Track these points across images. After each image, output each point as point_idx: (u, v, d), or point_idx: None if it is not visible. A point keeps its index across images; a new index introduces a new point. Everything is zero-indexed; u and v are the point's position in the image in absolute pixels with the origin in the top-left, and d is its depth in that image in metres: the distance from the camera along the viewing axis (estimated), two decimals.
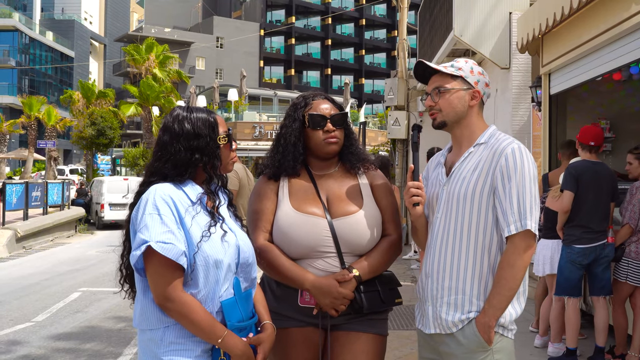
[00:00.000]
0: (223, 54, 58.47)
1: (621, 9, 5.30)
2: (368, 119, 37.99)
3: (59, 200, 19.79)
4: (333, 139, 2.59)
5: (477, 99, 2.42)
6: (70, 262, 12.80)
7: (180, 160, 2.16)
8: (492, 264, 2.32)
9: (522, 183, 2.26)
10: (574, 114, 7.91)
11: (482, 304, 2.31)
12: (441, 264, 2.36)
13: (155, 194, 2.11)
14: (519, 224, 2.24)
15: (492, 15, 8.68)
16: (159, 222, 2.06)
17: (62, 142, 54.25)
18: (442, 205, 2.40)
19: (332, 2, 63.07)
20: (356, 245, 2.52)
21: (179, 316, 2.07)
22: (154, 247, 2.02)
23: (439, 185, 2.45)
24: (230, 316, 2.14)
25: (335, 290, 2.44)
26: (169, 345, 2.11)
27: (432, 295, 2.39)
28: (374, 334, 2.57)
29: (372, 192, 2.64)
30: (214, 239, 2.13)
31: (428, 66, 2.44)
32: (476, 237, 2.32)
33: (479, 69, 2.45)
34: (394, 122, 15.02)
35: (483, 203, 2.31)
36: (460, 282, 2.33)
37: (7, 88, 57.85)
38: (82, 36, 72.87)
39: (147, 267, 2.09)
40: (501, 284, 2.26)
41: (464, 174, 2.36)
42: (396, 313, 7.06)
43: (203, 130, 2.19)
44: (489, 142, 2.37)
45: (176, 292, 2.06)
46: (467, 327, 2.32)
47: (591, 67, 6.22)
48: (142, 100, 36.43)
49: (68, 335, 6.84)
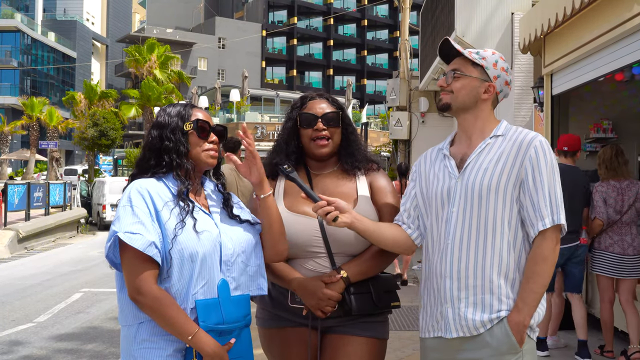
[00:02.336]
0: (225, 55, 58.49)
1: (623, 10, 5.29)
2: (370, 120, 38.02)
3: (61, 200, 19.81)
4: (322, 138, 2.55)
5: (491, 93, 2.32)
6: (72, 262, 12.80)
7: (153, 147, 2.20)
8: (517, 259, 2.21)
9: (553, 176, 2.21)
10: (576, 115, 7.89)
11: (511, 302, 2.19)
12: (463, 261, 2.22)
13: (132, 187, 2.12)
14: (554, 217, 2.17)
15: (494, 16, 8.67)
16: (130, 213, 2.05)
17: (64, 143, 54.34)
18: (458, 199, 2.26)
19: (334, 3, 63.07)
20: (347, 246, 2.48)
21: (150, 310, 2.04)
22: (121, 237, 2.00)
23: (450, 179, 2.31)
24: (206, 317, 2.09)
25: (320, 291, 2.40)
26: (142, 343, 2.10)
27: (453, 296, 2.23)
28: (369, 337, 2.51)
29: (371, 192, 2.59)
30: (189, 230, 2.10)
31: (453, 47, 2.34)
32: (502, 232, 2.20)
33: (504, 64, 2.34)
34: (395, 122, 15.02)
35: (508, 195, 2.20)
36: (487, 281, 2.19)
37: (9, 89, 57.93)
38: (84, 37, 72.94)
39: (121, 260, 2.08)
40: (534, 280, 2.16)
41: (484, 165, 2.24)
42: (397, 314, 7.05)
43: (173, 119, 2.22)
44: (508, 135, 2.28)
45: (147, 285, 2.03)
46: (496, 327, 2.18)
47: (593, 68, 6.20)
48: (144, 101, 36.46)
49: (70, 335, 6.84)
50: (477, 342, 2.21)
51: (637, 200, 5.38)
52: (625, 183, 5.44)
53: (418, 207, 2.44)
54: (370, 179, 2.62)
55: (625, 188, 5.42)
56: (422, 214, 2.43)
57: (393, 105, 15.43)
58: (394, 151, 16.38)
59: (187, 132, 2.21)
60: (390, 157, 18.94)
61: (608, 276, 5.42)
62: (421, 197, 2.43)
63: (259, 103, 38.66)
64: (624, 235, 5.36)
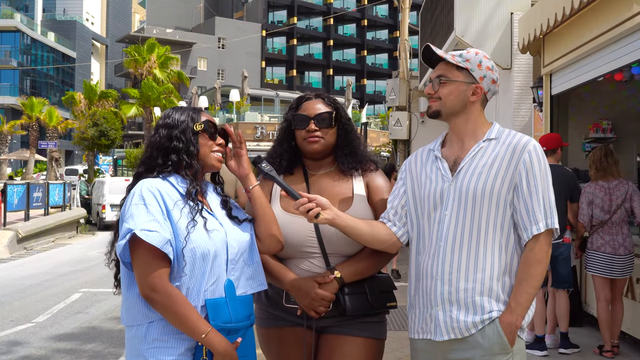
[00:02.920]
0: (225, 55, 58.49)
1: (622, 9, 5.29)
2: (370, 120, 38.00)
3: (60, 201, 19.81)
4: (313, 139, 2.54)
5: (479, 95, 2.31)
6: (71, 262, 12.80)
7: (161, 146, 2.22)
8: (509, 262, 2.23)
9: (546, 180, 2.22)
10: (576, 115, 7.91)
11: (502, 304, 2.21)
12: (455, 264, 2.23)
13: (142, 186, 2.14)
14: (548, 221, 2.19)
15: (494, 16, 8.67)
16: (145, 211, 2.07)
17: (63, 143, 54.32)
18: (452, 202, 2.26)
19: (334, 3, 63.07)
20: (341, 246, 2.48)
21: (163, 308, 2.05)
22: (138, 234, 2.02)
23: (444, 181, 2.31)
24: (216, 316, 2.11)
25: (313, 292, 2.41)
26: (153, 342, 2.10)
27: (444, 299, 2.24)
28: (366, 338, 2.50)
29: (368, 192, 2.59)
30: (200, 229, 2.13)
31: (435, 52, 2.34)
32: (494, 235, 2.22)
33: (489, 63, 2.34)
34: (395, 122, 15.01)
35: (502, 199, 2.22)
36: (478, 283, 2.20)
37: (9, 89, 57.93)
38: (84, 37, 72.94)
39: (133, 257, 2.09)
40: (528, 282, 2.17)
41: (478, 169, 2.25)
42: (396, 314, 7.05)
43: (182, 120, 2.25)
44: (501, 138, 2.29)
45: (161, 283, 2.04)
46: (487, 327, 2.19)
47: (593, 68, 6.21)
48: (144, 100, 36.47)
49: (69, 336, 6.83)
50: (468, 343, 2.21)
51: (627, 200, 5.41)
52: (614, 183, 5.47)
53: (407, 206, 2.43)
54: (367, 179, 2.62)
55: (613, 188, 5.46)
56: (410, 213, 2.42)
57: (393, 105, 15.41)
58: (394, 151, 16.37)
59: (197, 132, 2.25)
60: (390, 157, 18.93)
61: (602, 276, 5.46)
62: (412, 197, 2.42)
63: (259, 103, 38.64)
64: (615, 235, 5.41)
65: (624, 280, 5.51)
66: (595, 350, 5.55)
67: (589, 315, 6.40)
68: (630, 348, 5.69)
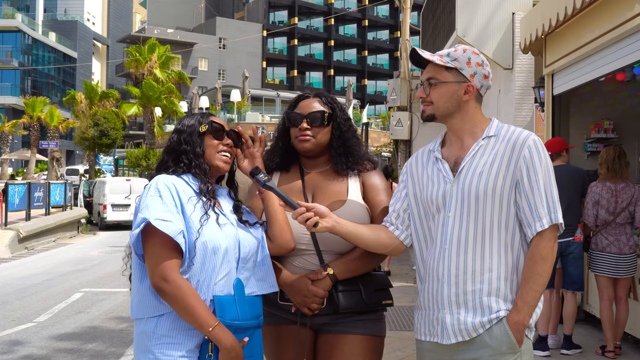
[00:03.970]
0: (226, 55, 58.51)
1: (624, 9, 5.28)
2: (371, 120, 38.02)
3: (61, 200, 19.82)
4: (303, 137, 2.55)
5: (471, 93, 2.28)
6: (72, 262, 12.81)
7: (172, 150, 2.33)
8: (515, 261, 2.21)
9: (548, 175, 2.19)
10: (577, 115, 7.89)
11: (510, 302, 2.19)
12: (461, 266, 2.20)
13: (158, 180, 2.21)
14: (552, 216, 2.16)
15: (495, 16, 8.66)
16: (160, 202, 2.13)
17: (64, 143, 54.33)
18: (454, 203, 2.24)
19: (334, 3, 63.08)
20: (335, 244, 2.48)
21: (172, 299, 2.07)
22: (153, 223, 2.06)
23: (445, 183, 2.28)
24: (223, 313, 2.13)
25: (305, 288, 2.42)
26: (161, 338, 2.11)
27: (451, 301, 2.21)
28: (363, 335, 2.50)
29: (363, 190, 2.58)
30: (212, 223, 2.18)
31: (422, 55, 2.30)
32: (499, 234, 2.19)
33: (478, 58, 2.29)
34: (396, 123, 14.99)
35: (505, 198, 2.19)
36: (485, 284, 2.18)
37: (10, 89, 57.92)
38: (85, 37, 72.93)
39: (145, 248, 2.12)
40: (534, 280, 2.15)
41: (479, 169, 2.22)
42: (398, 314, 7.05)
43: (190, 124, 2.36)
44: (500, 134, 2.26)
45: (173, 273, 2.08)
46: (495, 327, 2.17)
47: (594, 68, 6.20)
48: (144, 100, 36.46)
49: (70, 335, 6.84)
50: (476, 343, 2.20)
51: (632, 204, 5.43)
52: (621, 185, 5.48)
53: (410, 208, 2.41)
54: (363, 178, 2.61)
55: (620, 190, 5.47)
56: (413, 216, 2.40)
57: (394, 105, 15.39)
58: (395, 151, 16.36)
59: (202, 133, 2.32)
60: (391, 157, 18.94)
61: (607, 276, 5.48)
62: (414, 200, 2.40)
63: (260, 103, 38.69)
64: (619, 235, 5.45)
65: (628, 280, 5.52)
66: (598, 351, 5.55)
67: (590, 316, 6.39)
68: (632, 348, 5.69)
